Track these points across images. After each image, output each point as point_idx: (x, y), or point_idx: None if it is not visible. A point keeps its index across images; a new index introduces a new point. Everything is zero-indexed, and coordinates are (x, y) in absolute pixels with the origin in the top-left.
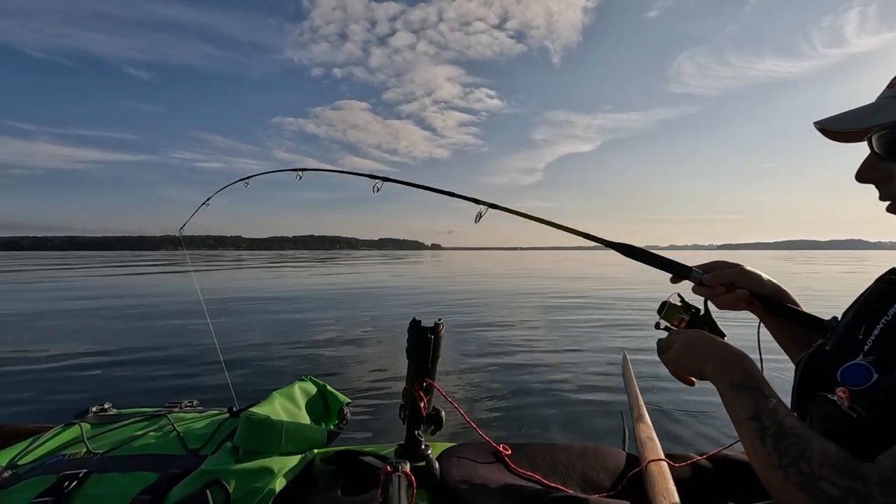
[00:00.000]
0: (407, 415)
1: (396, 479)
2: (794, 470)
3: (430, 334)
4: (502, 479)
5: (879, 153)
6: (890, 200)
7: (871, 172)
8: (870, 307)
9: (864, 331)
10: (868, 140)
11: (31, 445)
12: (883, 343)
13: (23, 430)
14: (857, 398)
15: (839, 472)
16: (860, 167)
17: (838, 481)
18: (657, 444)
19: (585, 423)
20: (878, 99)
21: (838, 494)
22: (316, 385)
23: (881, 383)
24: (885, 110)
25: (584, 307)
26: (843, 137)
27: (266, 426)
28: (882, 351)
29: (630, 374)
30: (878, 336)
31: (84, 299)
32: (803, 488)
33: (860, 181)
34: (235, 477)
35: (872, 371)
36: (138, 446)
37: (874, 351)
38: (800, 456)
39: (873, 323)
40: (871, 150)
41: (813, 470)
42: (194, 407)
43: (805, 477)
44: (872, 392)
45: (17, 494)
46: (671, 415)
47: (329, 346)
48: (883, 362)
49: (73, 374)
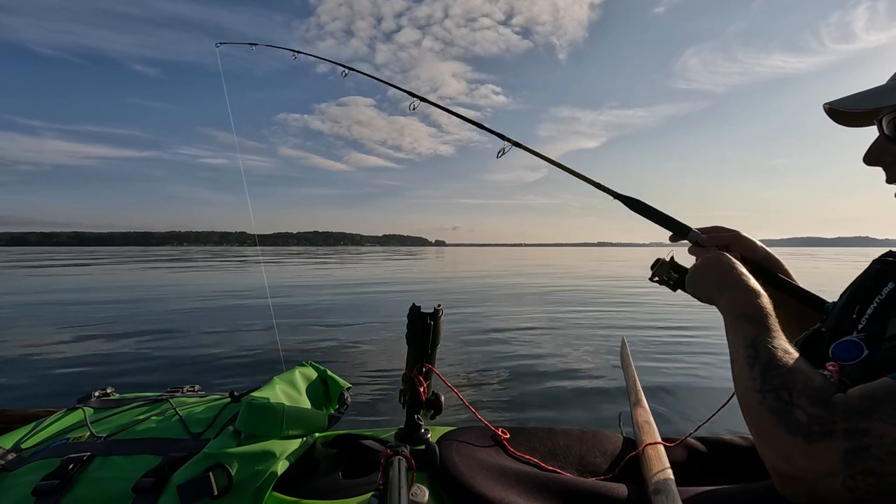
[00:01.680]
0: (407, 399)
1: (397, 461)
2: (772, 395)
3: (430, 320)
4: (501, 463)
5: (889, 135)
6: None
7: (880, 155)
8: (865, 288)
9: (858, 310)
10: (878, 122)
11: (35, 429)
12: (875, 321)
13: (26, 414)
14: (846, 372)
15: (812, 401)
16: (869, 149)
17: (809, 408)
18: (654, 428)
19: (584, 408)
20: (888, 81)
21: (805, 420)
22: (316, 370)
23: (871, 358)
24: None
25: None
26: (852, 121)
27: (267, 410)
28: (874, 328)
29: (628, 359)
30: (872, 315)
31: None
32: (775, 412)
33: (868, 163)
34: (238, 460)
35: (863, 347)
36: (141, 430)
37: (867, 329)
38: (782, 384)
39: (868, 302)
40: (881, 132)
41: (791, 397)
42: (196, 392)
43: (781, 402)
44: (862, 367)
45: (23, 477)
46: (668, 399)
47: (330, 332)
48: (874, 338)
49: (76, 360)
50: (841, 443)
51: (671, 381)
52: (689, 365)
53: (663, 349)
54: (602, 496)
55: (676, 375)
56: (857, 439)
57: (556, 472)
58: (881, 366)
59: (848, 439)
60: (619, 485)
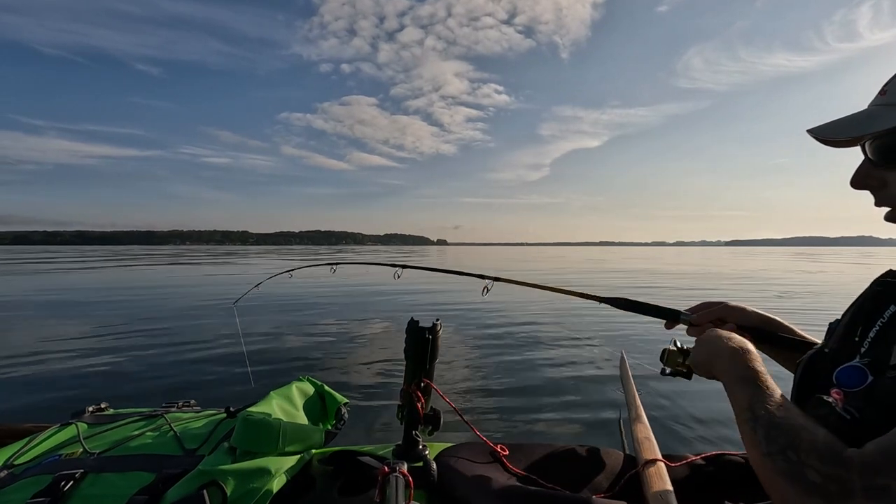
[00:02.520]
0: (405, 415)
1: (394, 479)
2: (781, 458)
3: (428, 334)
4: (500, 480)
5: (873, 160)
6: (887, 206)
7: (865, 179)
8: (866, 309)
9: (860, 333)
10: (862, 146)
11: (28, 445)
12: (878, 345)
13: (19, 429)
14: (851, 400)
15: (823, 460)
16: (854, 174)
17: (822, 468)
18: (654, 445)
19: (583, 424)
20: (869, 106)
21: (820, 481)
22: (314, 385)
23: (875, 385)
24: (878, 118)
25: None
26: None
27: (263, 426)
28: (877, 353)
29: (627, 375)
30: (874, 338)
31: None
32: (788, 476)
33: (855, 188)
34: (233, 477)
35: (867, 373)
36: (135, 446)
37: (870, 353)
38: (788, 444)
39: (869, 325)
40: (865, 156)
41: (799, 458)
42: (191, 407)
43: (791, 464)
44: (867, 394)
45: (13, 494)
46: (668, 415)
47: (327, 345)
48: (878, 364)
49: (70, 374)
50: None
51: (670, 398)
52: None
53: None
54: None
55: (675, 392)
56: (877, 498)
57: (555, 488)
58: (886, 394)
59: (868, 498)
60: (620, 502)
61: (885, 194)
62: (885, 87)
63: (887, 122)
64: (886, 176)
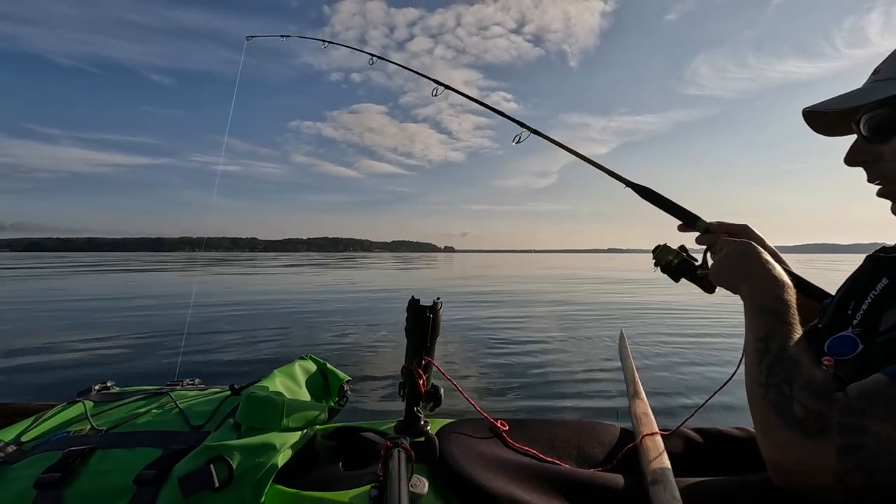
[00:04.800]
0: (406, 392)
1: (396, 453)
2: (774, 390)
3: (429, 312)
4: (500, 454)
5: (867, 136)
6: (878, 182)
7: (859, 155)
8: (859, 284)
9: (853, 306)
10: (856, 124)
11: (36, 423)
12: (870, 316)
13: (27, 408)
14: (841, 367)
15: (812, 395)
16: (849, 150)
17: (808, 403)
18: (652, 419)
19: (583, 400)
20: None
21: (803, 415)
22: (316, 363)
23: (865, 352)
24: (870, 91)
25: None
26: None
27: (267, 403)
28: (868, 323)
29: (626, 352)
30: (866, 310)
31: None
32: (776, 406)
33: (849, 164)
34: (238, 452)
35: (858, 342)
36: (141, 423)
37: (861, 324)
38: (785, 379)
39: (862, 298)
40: (859, 133)
41: (791, 392)
42: (196, 385)
43: (782, 397)
44: (856, 361)
45: (25, 470)
46: (666, 390)
47: (330, 325)
48: (869, 333)
49: (76, 354)
50: (836, 439)
51: (668, 374)
52: (689, 357)
53: (662, 339)
54: (600, 487)
55: (674, 368)
56: (851, 436)
57: (555, 462)
58: (875, 360)
59: (843, 436)
60: (617, 475)
61: (878, 169)
62: (879, 67)
63: (880, 93)
64: (881, 150)
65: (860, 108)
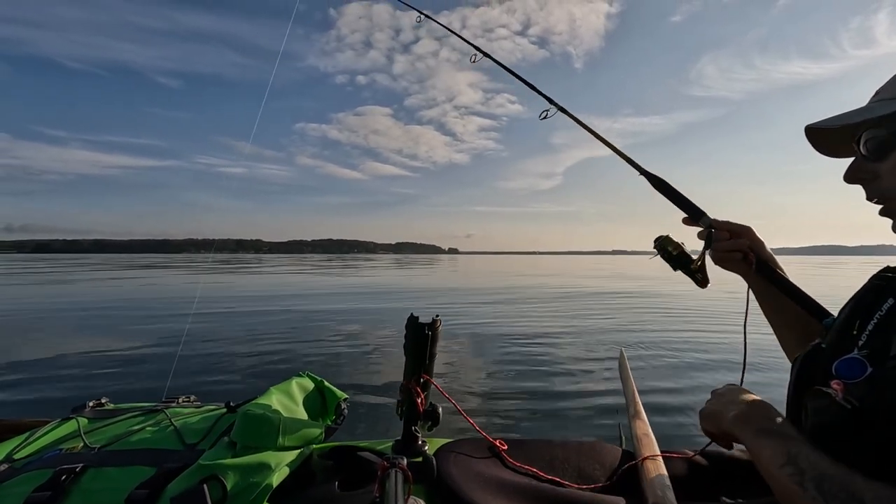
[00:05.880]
0: (404, 411)
1: (393, 474)
2: None
3: (428, 330)
4: (499, 474)
5: (866, 154)
6: (877, 199)
7: (857, 173)
8: (864, 303)
9: (858, 326)
10: (856, 143)
11: (28, 440)
12: (876, 337)
13: (19, 424)
14: (851, 390)
15: None
16: (848, 169)
17: None
18: (653, 441)
19: (582, 420)
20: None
21: None
22: (313, 381)
23: (875, 375)
24: (869, 111)
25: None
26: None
27: (263, 421)
28: (876, 345)
29: (627, 372)
30: (872, 331)
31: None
32: None
33: (848, 182)
34: (233, 471)
35: (867, 364)
36: (135, 441)
37: (868, 345)
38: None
39: (867, 319)
40: (858, 152)
41: None
42: (191, 402)
43: None
44: (867, 384)
45: (15, 489)
46: (667, 412)
47: (327, 342)
48: (877, 355)
49: (71, 370)
50: None
51: (669, 395)
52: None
53: (664, 360)
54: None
55: (675, 389)
56: None
57: (555, 480)
58: (886, 383)
59: None
60: (618, 498)
61: (876, 187)
62: (880, 89)
63: (879, 111)
64: (878, 168)
65: (860, 126)
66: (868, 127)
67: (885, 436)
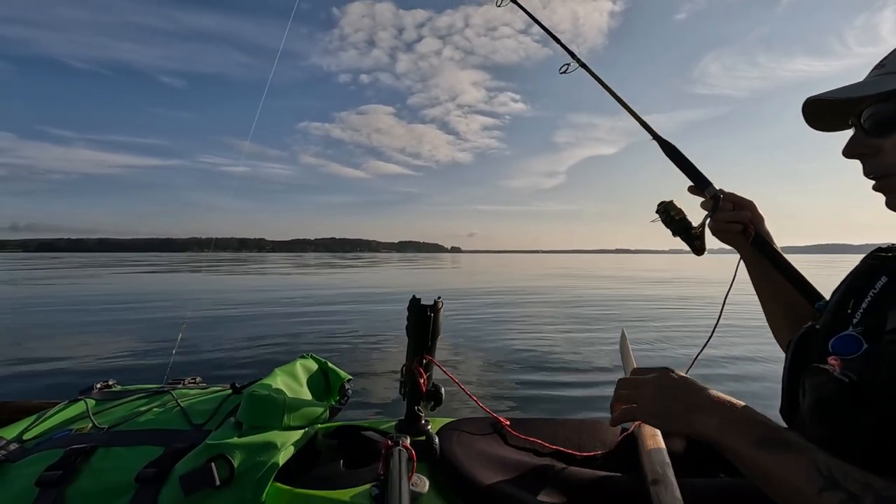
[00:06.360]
0: (407, 391)
1: (397, 452)
2: None
3: (430, 311)
4: (501, 451)
5: (867, 129)
6: (874, 176)
7: (857, 147)
8: (858, 283)
9: (852, 305)
10: (856, 117)
11: (38, 421)
12: (871, 315)
13: (29, 405)
14: (848, 365)
15: None
16: (848, 143)
17: None
18: None
19: (583, 399)
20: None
21: None
22: (317, 362)
23: (871, 351)
24: (874, 84)
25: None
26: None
27: (269, 401)
28: (871, 322)
29: (627, 351)
30: (866, 309)
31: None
32: None
33: (847, 156)
34: (239, 450)
35: (862, 341)
36: (143, 421)
37: (863, 322)
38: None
39: (861, 297)
40: (859, 127)
41: None
42: (197, 384)
43: None
44: (863, 359)
45: (26, 468)
46: None
47: (331, 324)
48: (872, 332)
49: (78, 353)
50: None
51: None
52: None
53: (663, 338)
54: (601, 485)
55: None
56: None
57: (555, 461)
58: (883, 358)
59: None
60: (619, 475)
61: (877, 162)
62: (884, 60)
63: (885, 86)
64: (881, 143)
65: (862, 100)
66: (873, 101)
67: (882, 411)
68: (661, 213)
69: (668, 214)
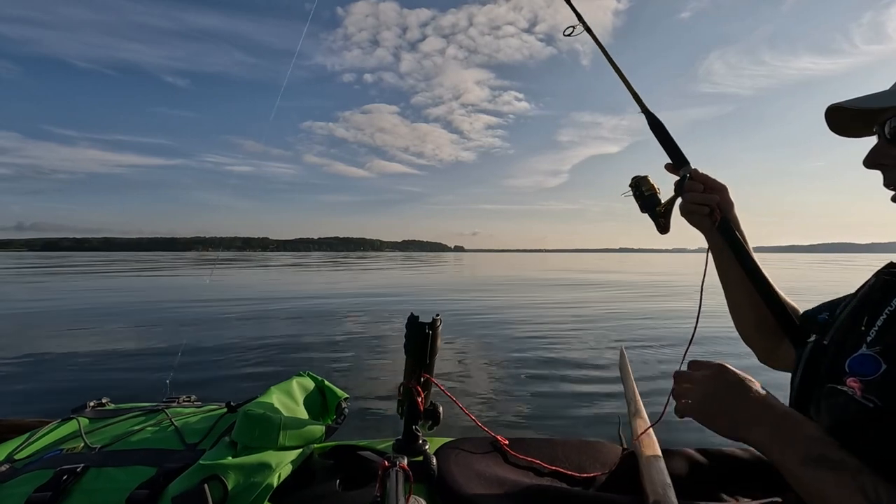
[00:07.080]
0: (405, 410)
1: (394, 473)
2: None
3: (428, 329)
4: (500, 472)
5: (890, 138)
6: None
7: (880, 157)
8: (872, 299)
9: (866, 322)
10: (879, 126)
11: (29, 440)
12: (887, 333)
13: (20, 424)
14: (869, 388)
15: None
16: (869, 152)
17: None
18: (653, 439)
19: (583, 419)
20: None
21: None
22: (314, 380)
23: (891, 372)
24: None
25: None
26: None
27: (264, 421)
28: (887, 341)
29: (627, 370)
30: (882, 327)
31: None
32: None
33: (868, 166)
34: (233, 471)
35: (881, 361)
36: (136, 441)
37: (878, 341)
38: None
39: (876, 314)
40: (881, 136)
41: None
42: (192, 402)
43: None
44: (883, 381)
45: (16, 489)
46: (667, 410)
47: (327, 341)
48: (889, 352)
49: (71, 370)
50: None
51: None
52: None
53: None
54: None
55: None
56: None
57: (555, 482)
58: None
59: None
60: (619, 496)
61: None
62: None
63: None
64: None
65: (886, 110)
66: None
67: None
68: (633, 188)
69: (640, 189)
